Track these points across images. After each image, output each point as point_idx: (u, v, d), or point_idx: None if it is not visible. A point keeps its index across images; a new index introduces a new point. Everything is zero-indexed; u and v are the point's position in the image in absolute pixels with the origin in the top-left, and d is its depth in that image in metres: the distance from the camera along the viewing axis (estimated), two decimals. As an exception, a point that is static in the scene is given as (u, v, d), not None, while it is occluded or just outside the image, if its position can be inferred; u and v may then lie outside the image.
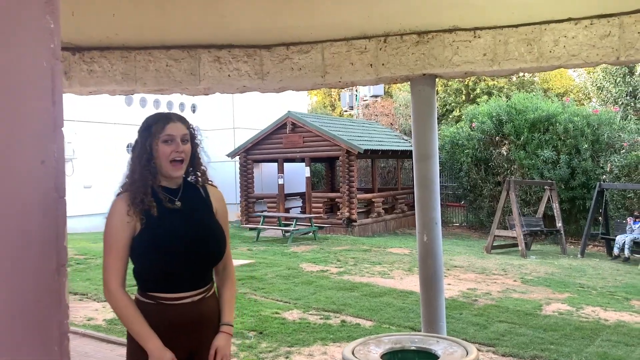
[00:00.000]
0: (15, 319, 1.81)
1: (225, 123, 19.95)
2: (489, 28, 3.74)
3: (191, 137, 2.22)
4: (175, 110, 19.47)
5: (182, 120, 2.20)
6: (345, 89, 30.82)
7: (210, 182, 2.33)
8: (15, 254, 1.83)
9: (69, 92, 4.06)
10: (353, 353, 2.20)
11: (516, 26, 3.68)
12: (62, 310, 1.97)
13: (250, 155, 17.57)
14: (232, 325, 2.29)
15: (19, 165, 1.86)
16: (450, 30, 3.80)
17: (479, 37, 3.76)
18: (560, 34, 3.60)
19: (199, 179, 2.28)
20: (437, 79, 4.06)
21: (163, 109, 19.01)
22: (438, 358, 2.14)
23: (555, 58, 3.63)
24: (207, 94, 4.27)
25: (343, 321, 6.65)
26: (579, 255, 12.69)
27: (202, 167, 2.30)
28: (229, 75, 4.02)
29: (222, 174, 19.68)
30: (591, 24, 3.52)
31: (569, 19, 3.57)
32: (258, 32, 3.92)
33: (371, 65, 3.91)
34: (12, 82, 1.85)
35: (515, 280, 9.40)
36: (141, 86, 4.05)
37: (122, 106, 17.68)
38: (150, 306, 2.09)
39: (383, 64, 3.89)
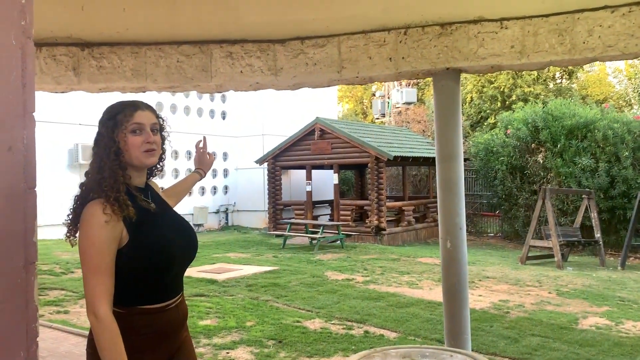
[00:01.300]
0: (-25, 322, 1.65)
1: (254, 129, 19.91)
2: (517, 18, 3.48)
3: (161, 129, 2.03)
4: (205, 116, 19.53)
5: (151, 108, 1.99)
6: (378, 96, 30.58)
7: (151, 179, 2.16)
8: (-24, 249, 1.67)
9: (79, 89, 3.96)
10: (354, 367, 1.97)
11: (546, 16, 3.42)
12: (30, 312, 1.78)
13: (278, 161, 17.46)
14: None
15: (-20, 151, 1.70)
16: (475, 21, 3.55)
17: (506, 28, 3.50)
18: (594, 24, 3.32)
19: (154, 174, 2.13)
20: (461, 74, 3.81)
21: (193, 115, 19.07)
22: (450, 375, 1.91)
23: (590, 50, 3.35)
24: (220, 92, 4.11)
25: (366, 332, 6.39)
26: (619, 267, 12.12)
27: (162, 164, 2.12)
28: (241, 72, 3.86)
29: (251, 181, 19.63)
30: (629, 11, 3.23)
31: (605, 7, 3.29)
32: (272, 25, 3.75)
33: (390, 59, 3.69)
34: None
35: (550, 292, 8.97)
36: (152, 83, 3.91)
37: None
38: (136, 318, 1.88)
39: (403, 58, 3.66)
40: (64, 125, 14.71)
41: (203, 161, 2.64)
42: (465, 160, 17.67)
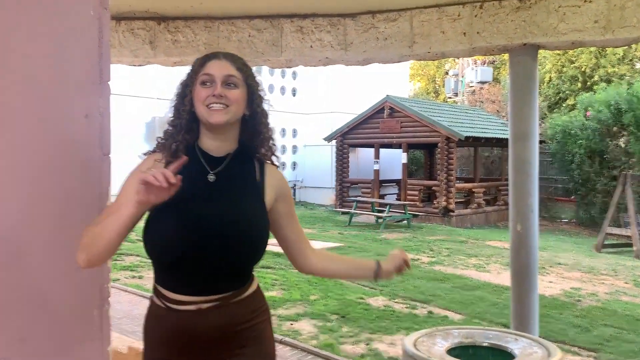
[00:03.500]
0: (53, 282, 1.75)
1: (323, 107, 19.95)
2: (603, -10, 3.27)
3: (249, 86, 1.64)
4: (276, 93, 19.73)
5: (232, 58, 1.64)
6: (451, 74, 29.84)
7: (271, 162, 1.73)
8: (55, 212, 1.76)
9: (155, 62, 4.08)
10: (415, 345, 1.95)
11: (636, -13, 3.19)
12: (103, 273, 1.89)
13: (346, 139, 17.44)
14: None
15: (59, 118, 1.79)
16: (556, -6, 3.37)
17: (590, 2, 3.30)
18: (691, -5, 3.07)
19: (262, 154, 1.71)
20: (539, 50, 3.63)
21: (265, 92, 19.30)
22: (514, 358, 1.85)
23: (685, 24, 3.11)
24: (290, 67, 4.13)
25: (430, 312, 6.34)
26: None
27: (269, 141, 1.71)
28: (311, 46, 3.85)
29: (319, 158, 19.76)
30: None
31: None
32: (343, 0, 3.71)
33: (465, 34, 3.57)
34: (54, 30, 1.78)
35: (626, 283, 8.56)
36: (224, 57, 3.97)
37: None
38: (152, 299, 1.67)
39: (478, 33, 3.53)
40: (143, 99, 15.34)
41: (393, 261, 1.84)
42: (540, 142, 16.93)
